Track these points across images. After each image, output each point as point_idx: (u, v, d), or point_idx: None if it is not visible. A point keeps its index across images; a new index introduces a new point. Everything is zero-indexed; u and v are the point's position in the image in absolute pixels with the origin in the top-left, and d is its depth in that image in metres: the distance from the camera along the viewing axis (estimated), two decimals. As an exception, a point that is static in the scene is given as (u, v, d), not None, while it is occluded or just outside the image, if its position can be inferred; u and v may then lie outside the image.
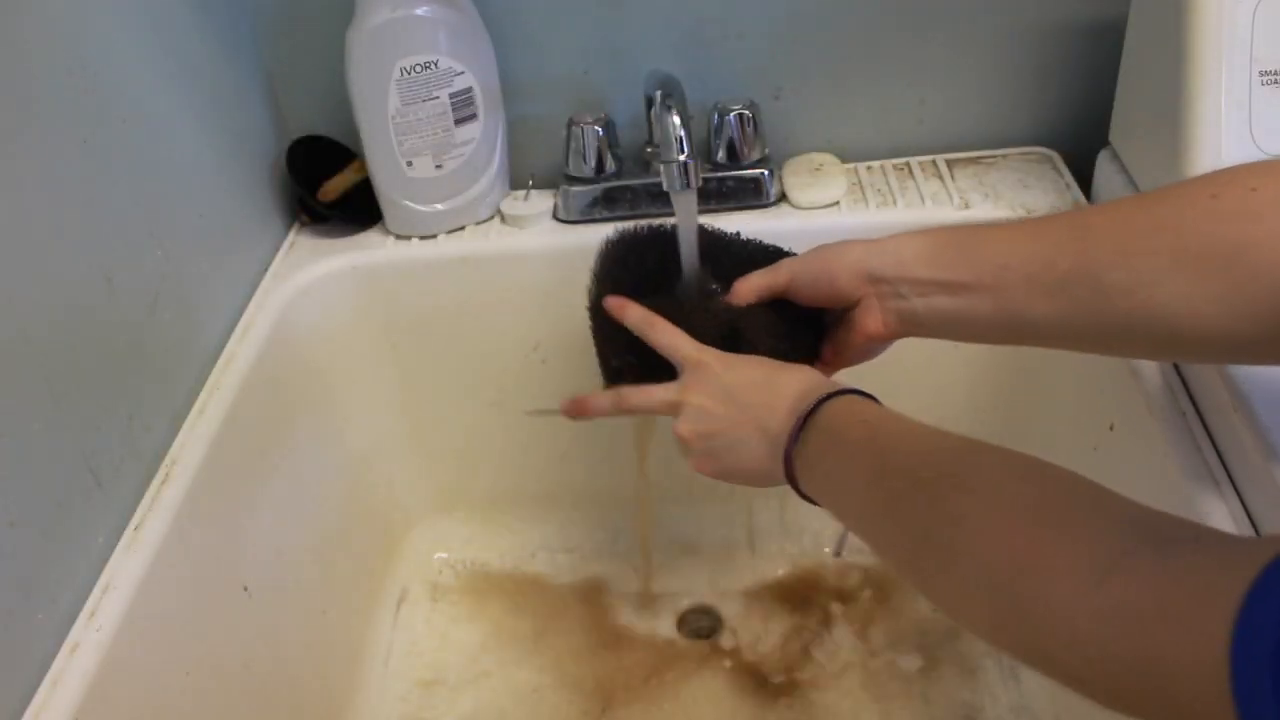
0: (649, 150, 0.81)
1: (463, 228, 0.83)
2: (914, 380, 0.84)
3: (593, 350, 0.64)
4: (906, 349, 0.58)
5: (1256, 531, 0.51)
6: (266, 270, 0.81)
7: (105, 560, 0.57)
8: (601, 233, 0.81)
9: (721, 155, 0.80)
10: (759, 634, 0.84)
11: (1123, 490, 0.37)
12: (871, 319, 0.55)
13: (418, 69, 0.76)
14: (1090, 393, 0.69)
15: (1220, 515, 0.52)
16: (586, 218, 0.82)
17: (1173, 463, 0.56)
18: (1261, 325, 0.41)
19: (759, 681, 0.80)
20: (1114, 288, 0.44)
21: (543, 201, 0.83)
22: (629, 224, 0.68)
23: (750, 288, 0.59)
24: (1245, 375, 0.54)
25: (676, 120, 0.64)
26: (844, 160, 0.84)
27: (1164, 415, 0.59)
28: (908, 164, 0.84)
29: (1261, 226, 0.40)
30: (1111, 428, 0.65)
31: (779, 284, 0.58)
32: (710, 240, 0.66)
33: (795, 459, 0.50)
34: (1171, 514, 0.35)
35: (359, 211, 0.84)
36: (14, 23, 0.55)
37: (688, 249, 0.65)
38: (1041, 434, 0.79)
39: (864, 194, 0.81)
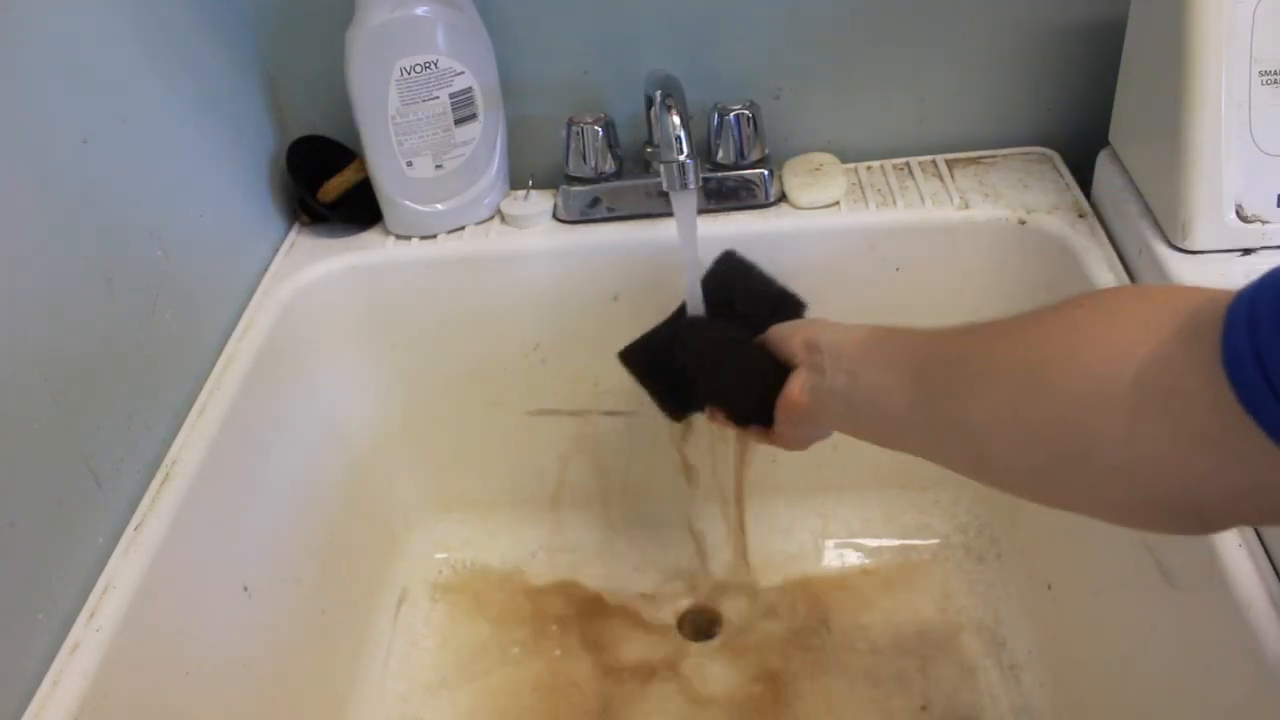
0: (649, 150, 0.81)
1: (463, 228, 0.83)
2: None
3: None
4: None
5: (1265, 549, 0.51)
6: (266, 270, 0.81)
7: (105, 560, 0.57)
8: (601, 233, 0.81)
9: (721, 155, 0.80)
10: (760, 634, 0.84)
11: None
12: (796, 384, 0.56)
13: (417, 69, 0.76)
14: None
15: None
16: (586, 218, 0.82)
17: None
18: (1037, 454, 0.38)
19: (760, 682, 0.80)
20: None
21: (543, 201, 0.83)
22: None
23: None
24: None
25: (676, 120, 0.64)
26: (844, 160, 0.84)
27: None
28: (908, 164, 0.84)
29: (1051, 344, 0.38)
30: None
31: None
32: (733, 268, 0.68)
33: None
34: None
35: (359, 211, 0.84)
36: (13, 22, 0.55)
37: (687, 249, 0.65)
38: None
39: (864, 194, 0.81)
